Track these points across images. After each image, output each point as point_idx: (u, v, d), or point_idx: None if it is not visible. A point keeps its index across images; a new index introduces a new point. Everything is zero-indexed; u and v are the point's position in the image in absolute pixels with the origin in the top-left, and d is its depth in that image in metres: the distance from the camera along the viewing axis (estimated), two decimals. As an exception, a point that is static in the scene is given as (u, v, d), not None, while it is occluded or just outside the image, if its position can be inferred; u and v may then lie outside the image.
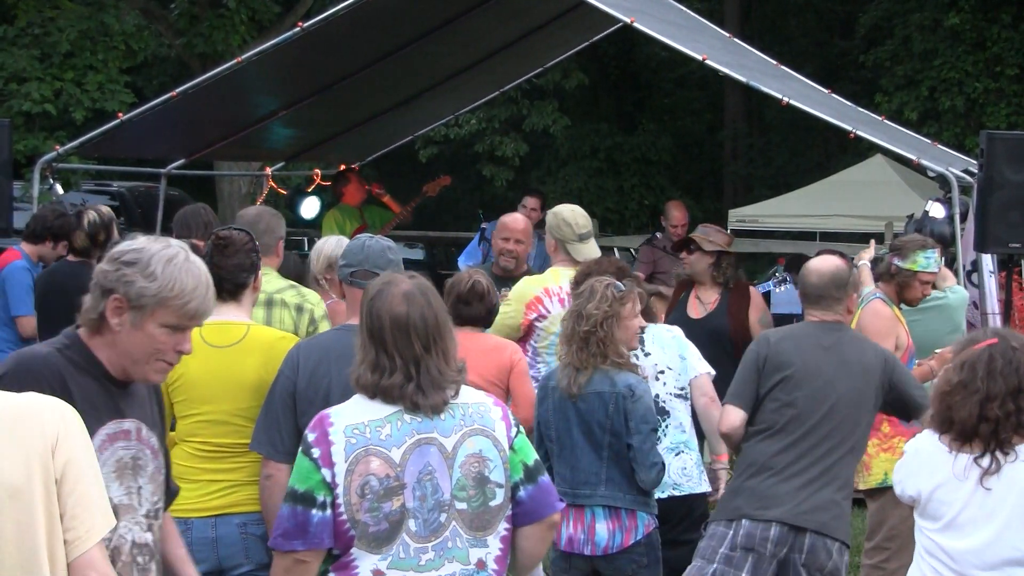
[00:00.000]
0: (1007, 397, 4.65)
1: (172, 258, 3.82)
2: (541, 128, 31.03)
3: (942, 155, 11.74)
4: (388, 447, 3.99)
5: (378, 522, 3.97)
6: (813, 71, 20.33)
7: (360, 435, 3.99)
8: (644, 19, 10.74)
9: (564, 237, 8.08)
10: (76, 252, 8.90)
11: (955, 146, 18.58)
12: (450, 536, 4.04)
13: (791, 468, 5.95)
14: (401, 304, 4.10)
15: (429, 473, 4.02)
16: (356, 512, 3.96)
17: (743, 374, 6.17)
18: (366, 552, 3.98)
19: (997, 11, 27.26)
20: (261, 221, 6.72)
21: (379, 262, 5.36)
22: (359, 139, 15.03)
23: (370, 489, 3.96)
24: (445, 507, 4.03)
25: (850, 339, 6.27)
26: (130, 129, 11.82)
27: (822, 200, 23.54)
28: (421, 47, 12.62)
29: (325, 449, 3.97)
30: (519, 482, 4.16)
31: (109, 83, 19.68)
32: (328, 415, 4.05)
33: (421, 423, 4.03)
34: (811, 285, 6.29)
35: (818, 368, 6.06)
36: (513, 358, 6.90)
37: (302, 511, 3.97)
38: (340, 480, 3.96)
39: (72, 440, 3.23)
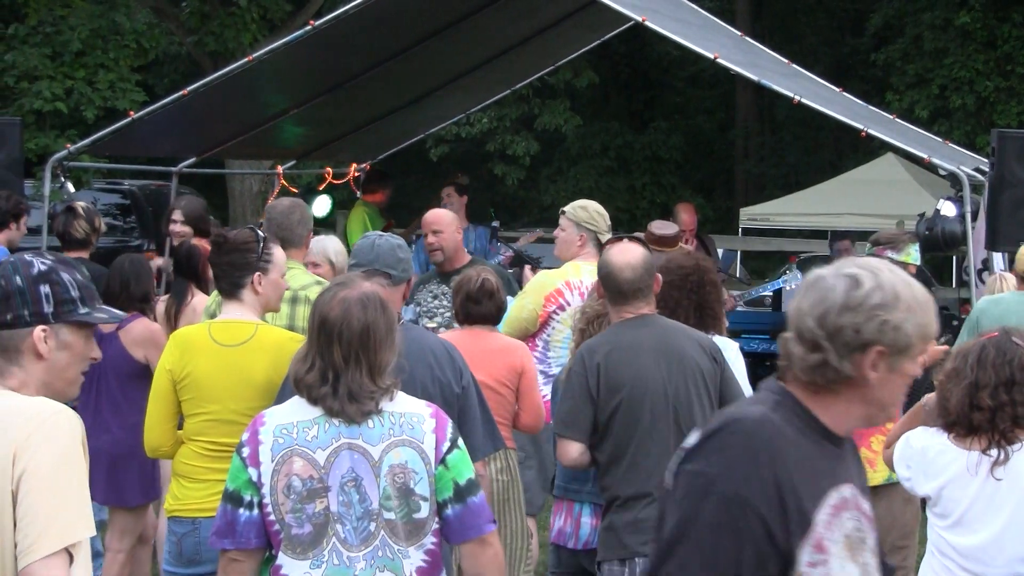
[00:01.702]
0: (999, 387, 4.67)
1: (907, 282, 3.10)
2: (552, 127, 31.03)
3: (953, 153, 11.73)
4: (313, 448, 3.99)
5: (301, 524, 3.97)
6: (824, 70, 20.33)
7: (287, 435, 4.00)
8: (655, 18, 10.74)
9: (599, 229, 8.03)
10: (73, 244, 8.84)
11: (966, 144, 18.58)
12: (380, 545, 4.01)
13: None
14: (336, 308, 4.08)
15: (354, 480, 4.00)
16: (283, 512, 3.98)
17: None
18: (293, 559, 3.97)
19: (1008, 10, 27.24)
20: (295, 212, 6.81)
21: (389, 260, 5.36)
22: (370, 137, 15.03)
23: (293, 490, 3.97)
24: (374, 516, 4.01)
25: (673, 329, 5.85)
26: (141, 127, 11.82)
27: (833, 198, 23.53)
28: (432, 45, 12.62)
29: (254, 448, 4.01)
30: (448, 500, 4.10)
31: (120, 81, 19.68)
32: (263, 414, 4.09)
33: (348, 428, 4.02)
34: (624, 281, 5.73)
35: (648, 372, 5.67)
36: (524, 361, 6.88)
37: (231, 510, 4.00)
38: (267, 480, 3.97)
39: (36, 449, 3.15)
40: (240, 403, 5.50)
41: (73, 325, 3.38)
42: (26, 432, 3.17)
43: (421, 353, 5.31)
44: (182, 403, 5.64)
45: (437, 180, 13.25)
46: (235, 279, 5.66)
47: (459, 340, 6.21)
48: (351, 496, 4.00)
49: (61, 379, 3.40)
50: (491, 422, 5.51)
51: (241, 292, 5.66)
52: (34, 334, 3.33)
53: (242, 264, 5.66)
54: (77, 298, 3.39)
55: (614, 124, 34.84)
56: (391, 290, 5.37)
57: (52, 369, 3.37)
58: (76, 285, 3.40)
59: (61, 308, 3.36)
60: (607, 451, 5.65)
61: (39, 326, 3.34)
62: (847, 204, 22.73)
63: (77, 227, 8.85)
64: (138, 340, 7.56)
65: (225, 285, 5.67)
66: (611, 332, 5.80)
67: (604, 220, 8.05)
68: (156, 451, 5.83)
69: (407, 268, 5.44)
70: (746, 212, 25.65)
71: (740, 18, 31.92)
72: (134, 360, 7.58)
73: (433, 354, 5.34)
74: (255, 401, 5.37)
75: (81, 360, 3.44)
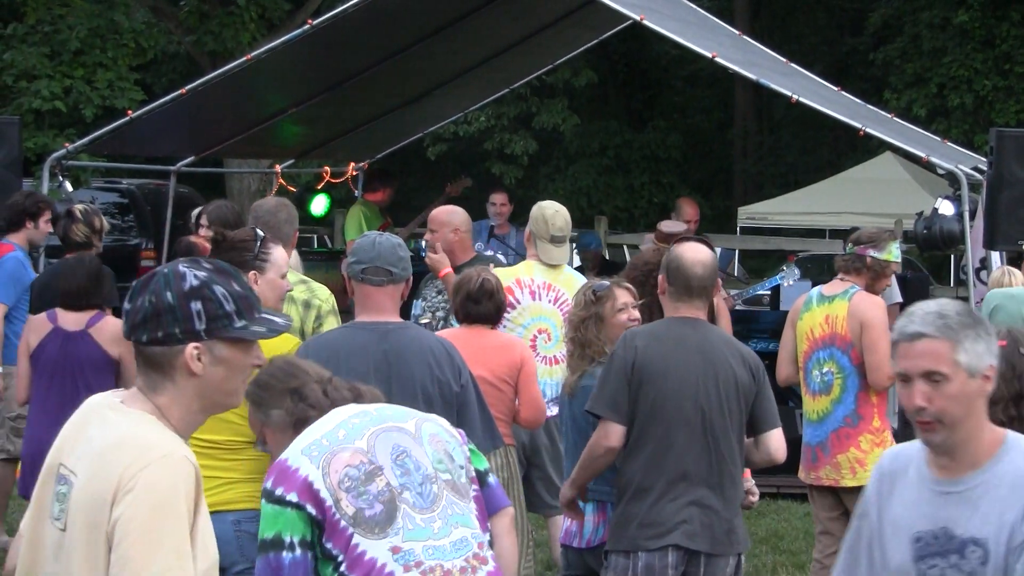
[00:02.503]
0: (1008, 403, 4.66)
1: None
2: (550, 126, 31.03)
3: (952, 152, 11.74)
4: (351, 441, 4.00)
5: (371, 504, 3.95)
6: (823, 69, 20.34)
7: (319, 446, 3.99)
8: (654, 16, 10.74)
9: (538, 232, 8.03)
10: (74, 247, 8.86)
11: (964, 143, 18.58)
12: (447, 504, 4.05)
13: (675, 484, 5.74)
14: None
15: (403, 452, 4.03)
16: (346, 506, 3.94)
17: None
18: (373, 540, 3.95)
19: (1006, 9, 27.26)
20: (281, 211, 6.76)
21: (390, 259, 5.35)
22: (368, 136, 15.03)
23: (350, 479, 3.95)
24: (432, 479, 4.04)
25: (717, 337, 5.93)
26: (140, 127, 11.83)
27: (831, 197, 23.55)
28: (430, 45, 12.62)
29: (293, 477, 3.94)
30: (485, 471, 4.27)
31: (119, 80, 19.69)
32: (280, 458, 4.03)
33: (372, 419, 4.06)
34: (693, 277, 5.78)
35: (685, 370, 5.72)
36: (523, 357, 6.89)
37: (274, 557, 3.92)
38: (321, 484, 3.92)
39: (137, 493, 3.03)
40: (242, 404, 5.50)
41: (228, 340, 3.24)
42: (131, 472, 3.06)
43: (420, 352, 5.31)
44: None
45: (435, 179, 13.27)
46: None
47: (457, 338, 6.21)
48: (407, 465, 4.02)
49: (218, 392, 3.27)
50: (490, 420, 5.52)
51: None
52: (186, 352, 3.19)
53: (238, 263, 5.63)
54: (232, 312, 3.23)
55: (612, 123, 34.84)
56: (392, 288, 5.37)
57: (207, 384, 3.24)
58: (232, 298, 3.24)
59: (214, 324, 3.21)
60: (630, 438, 5.70)
61: (191, 344, 3.20)
62: (845, 203, 22.74)
63: (76, 231, 8.88)
64: (114, 338, 7.59)
65: None
66: (658, 324, 5.88)
67: (547, 226, 7.98)
68: None
69: (407, 267, 5.44)
70: (744, 211, 25.66)
71: (739, 17, 31.90)
72: (109, 357, 7.61)
73: (432, 353, 5.34)
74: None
75: (241, 371, 3.30)
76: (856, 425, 7.57)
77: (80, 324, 7.64)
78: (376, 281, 5.34)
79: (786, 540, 10.03)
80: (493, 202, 12.34)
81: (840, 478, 7.60)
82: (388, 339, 5.29)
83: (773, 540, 10.01)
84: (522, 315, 7.85)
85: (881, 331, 7.47)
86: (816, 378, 7.70)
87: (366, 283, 5.35)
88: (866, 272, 7.71)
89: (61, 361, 7.65)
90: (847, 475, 7.57)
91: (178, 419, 3.23)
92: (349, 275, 5.42)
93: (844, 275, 7.77)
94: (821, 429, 7.67)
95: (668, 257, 5.86)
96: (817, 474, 7.69)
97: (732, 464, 5.76)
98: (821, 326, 7.67)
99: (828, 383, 7.64)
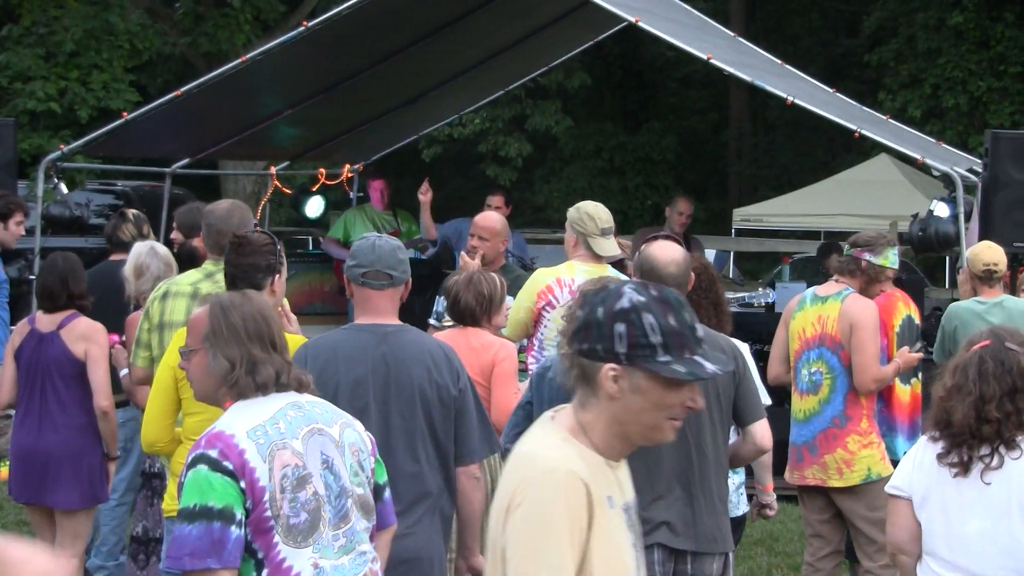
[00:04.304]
0: (1004, 398, 4.67)
1: None
2: (543, 128, 31.05)
3: (947, 154, 11.75)
4: (289, 439, 4.03)
5: (296, 513, 3.99)
6: (818, 70, 20.35)
7: (264, 434, 4.01)
8: (649, 18, 10.74)
9: (587, 231, 8.00)
10: (120, 247, 8.88)
11: (958, 144, 18.61)
12: (354, 520, 4.12)
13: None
14: (266, 304, 4.33)
15: (327, 461, 4.08)
16: (279, 507, 3.97)
17: None
18: (295, 548, 3.98)
19: (1001, 10, 27.28)
20: (233, 216, 6.64)
21: (390, 262, 5.35)
22: (363, 138, 15.04)
23: (288, 480, 3.98)
24: (347, 493, 4.11)
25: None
26: (135, 128, 11.82)
27: (826, 199, 23.57)
28: (425, 47, 12.62)
29: (238, 458, 3.94)
30: (384, 485, 4.35)
31: (114, 82, 19.71)
32: (220, 429, 4.02)
33: (305, 415, 4.11)
34: (668, 277, 5.69)
35: None
36: (497, 358, 6.82)
37: (220, 528, 3.89)
38: (266, 481, 3.94)
39: (525, 509, 3.04)
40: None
41: (648, 372, 3.14)
42: (521, 488, 3.08)
43: (419, 355, 5.31)
44: (183, 400, 5.64)
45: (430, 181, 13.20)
46: (256, 281, 5.67)
47: (447, 340, 6.22)
48: (328, 478, 4.07)
49: (636, 422, 3.18)
50: (488, 424, 5.52)
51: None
52: (602, 371, 3.15)
53: (264, 266, 5.68)
54: (658, 344, 3.12)
55: (607, 125, 34.86)
56: (391, 291, 5.38)
57: (624, 410, 3.16)
58: (661, 331, 3.12)
59: (635, 351, 3.12)
60: None
61: (609, 364, 3.14)
62: (840, 205, 22.76)
63: (124, 230, 8.92)
64: (80, 335, 7.63)
65: (243, 286, 5.65)
66: None
67: (595, 222, 7.97)
68: (152, 446, 5.83)
69: (406, 269, 5.44)
70: (739, 213, 25.67)
71: (734, 19, 31.93)
72: (76, 359, 7.62)
73: (431, 356, 5.34)
74: (253, 402, 5.36)
75: (662, 408, 3.17)
76: (844, 426, 7.57)
77: (53, 325, 7.68)
78: (376, 285, 5.34)
79: (781, 542, 10.04)
80: (489, 204, 12.35)
81: (827, 478, 7.61)
82: (387, 342, 5.29)
83: (768, 542, 10.02)
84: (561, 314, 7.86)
85: (870, 333, 7.51)
86: (805, 377, 7.72)
87: (366, 286, 5.34)
88: (860, 275, 7.73)
89: (35, 362, 7.69)
90: (834, 476, 7.58)
91: (599, 438, 3.20)
92: (349, 278, 5.41)
93: (839, 277, 7.79)
94: (807, 429, 7.68)
95: (640, 259, 5.81)
96: (802, 473, 7.70)
97: (716, 462, 5.74)
98: (813, 326, 7.69)
99: (816, 383, 7.66)
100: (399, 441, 5.23)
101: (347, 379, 5.21)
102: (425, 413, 5.27)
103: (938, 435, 4.77)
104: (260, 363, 4.13)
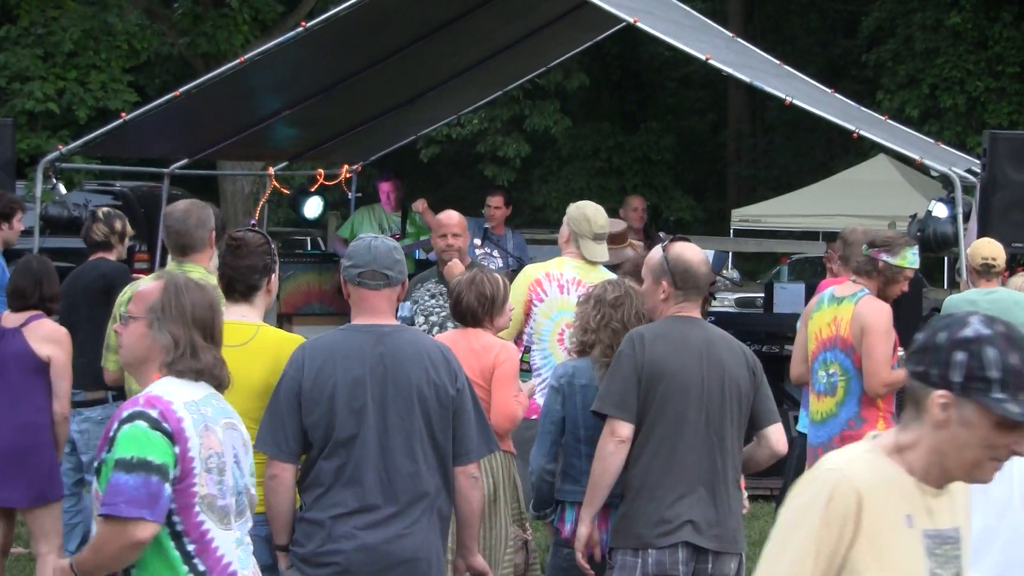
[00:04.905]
0: None
1: None
2: (542, 128, 31.06)
3: (945, 155, 11.74)
4: (214, 424, 4.17)
5: (224, 495, 4.13)
6: (816, 71, 20.36)
7: (198, 411, 4.13)
8: (647, 19, 10.74)
9: (580, 231, 8.04)
10: (95, 247, 8.93)
11: (956, 144, 18.60)
12: (247, 517, 4.28)
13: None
14: (216, 299, 4.39)
15: (236, 456, 4.22)
16: (203, 485, 4.07)
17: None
18: (222, 530, 4.12)
19: (998, 10, 27.29)
20: (191, 216, 6.59)
21: (386, 263, 5.35)
22: (362, 139, 15.03)
23: (213, 462, 4.11)
24: (246, 490, 4.28)
25: (717, 336, 5.91)
26: (133, 129, 11.81)
27: (825, 200, 23.58)
28: (424, 47, 12.62)
29: (176, 423, 4.05)
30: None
31: (112, 82, 19.68)
32: (158, 394, 4.11)
33: (224, 409, 4.25)
34: (702, 276, 5.85)
35: (690, 370, 5.74)
36: (497, 360, 6.81)
37: (157, 483, 3.99)
38: (196, 453, 4.05)
39: (786, 505, 3.19)
40: (239, 404, 5.47)
41: (980, 406, 3.07)
42: (804, 480, 3.17)
43: (417, 355, 5.31)
44: None
45: (428, 181, 13.23)
46: (253, 282, 5.67)
47: (449, 341, 6.21)
48: (236, 471, 4.22)
49: (957, 457, 3.13)
50: (485, 424, 5.52)
51: (256, 294, 5.68)
52: (932, 396, 3.11)
53: (261, 267, 5.68)
54: (995, 380, 3.06)
55: (605, 125, 34.86)
56: (388, 292, 5.38)
57: (946, 441, 3.12)
58: (1002, 367, 3.05)
59: (971, 383, 3.06)
60: (637, 437, 5.74)
61: (940, 391, 3.10)
62: (839, 205, 22.76)
63: (96, 230, 8.94)
64: (44, 337, 7.70)
65: (241, 288, 5.65)
66: (664, 324, 5.86)
67: (590, 224, 8.00)
68: None
69: (403, 269, 5.45)
70: (738, 213, 25.69)
71: (732, 19, 31.94)
72: (36, 356, 7.69)
73: (429, 356, 5.34)
74: (252, 402, 5.36)
75: (986, 447, 3.11)
76: (859, 428, 7.43)
77: (17, 322, 7.74)
78: (373, 285, 5.34)
79: (780, 542, 10.02)
80: (489, 204, 12.36)
81: None
82: (384, 342, 5.29)
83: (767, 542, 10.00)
84: (550, 308, 7.87)
85: (880, 337, 7.42)
86: (822, 379, 7.65)
87: (363, 287, 5.34)
88: (878, 276, 7.59)
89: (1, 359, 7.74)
90: None
91: (916, 460, 3.18)
92: (345, 278, 5.41)
93: (857, 277, 7.72)
94: (824, 431, 7.62)
95: (670, 260, 5.84)
96: None
97: (734, 464, 5.81)
98: (828, 327, 7.61)
99: (833, 384, 7.58)
100: (397, 441, 5.23)
101: (345, 379, 5.21)
102: (423, 413, 5.27)
103: None
104: (200, 350, 4.23)
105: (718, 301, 17.43)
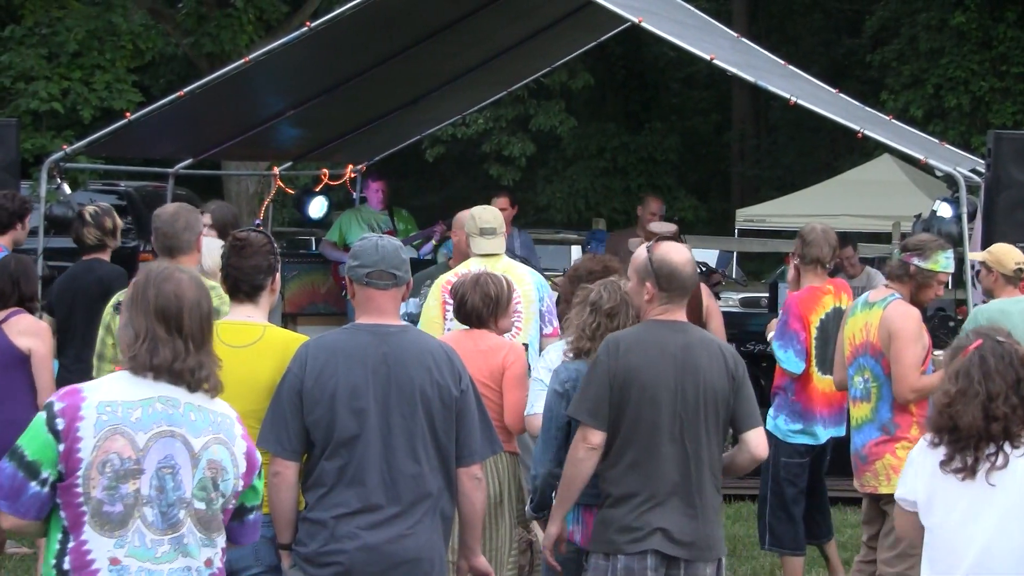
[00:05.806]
0: (1009, 392, 4.67)
1: None
2: (548, 128, 31.05)
3: (950, 154, 11.74)
4: (135, 430, 4.09)
5: (113, 502, 4.06)
6: (820, 71, 20.34)
7: (111, 413, 4.08)
8: (652, 19, 10.74)
9: (469, 230, 8.42)
10: (88, 249, 8.98)
11: (960, 144, 18.59)
12: (186, 532, 4.16)
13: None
14: (192, 290, 4.24)
15: (171, 467, 4.13)
16: (92, 488, 4.04)
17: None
18: (99, 535, 4.06)
19: (1003, 10, 27.25)
20: (179, 219, 6.68)
21: (394, 261, 5.36)
22: (366, 139, 15.04)
23: (111, 467, 4.05)
24: (185, 504, 4.15)
25: (698, 341, 5.83)
26: (138, 129, 11.82)
27: (829, 200, 23.52)
28: (428, 47, 12.62)
29: (71, 423, 4.04)
30: (254, 507, 4.39)
31: (117, 82, 19.68)
32: (80, 389, 4.12)
33: (172, 415, 4.14)
34: (687, 278, 5.77)
35: (664, 377, 5.68)
36: (507, 361, 6.85)
37: (22, 478, 4.03)
38: (85, 455, 4.03)
39: None
40: (245, 404, 5.46)
41: None
42: None
43: (420, 356, 5.31)
44: None
45: (433, 181, 13.24)
46: (258, 282, 5.66)
47: (454, 341, 6.21)
48: (165, 482, 4.12)
49: None
50: (489, 426, 5.51)
51: (260, 294, 5.67)
52: None
53: (265, 267, 5.68)
54: None
55: (610, 125, 34.85)
56: (395, 291, 5.38)
57: None
58: None
59: None
60: (612, 444, 5.71)
61: None
62: (843, 205, 22.71)
63: (88, 234, 8.97)
64: (23, 331, 7.81)
65: (246, 288, 5.65)
66: (643, 329, 5.83)
67: (475, 222, 8.38)
68: None
69: (408, 269, 5.46)
70: (742, 213, 25.65)
71: (736, 19, 31.91)
72: (17, 349, 7.78)
73: (432, 357, 5.33)
74: (259, 403, 5.36)
75: None
76: (893, 433, 7.40)
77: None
78: (381, 285, 5.34)
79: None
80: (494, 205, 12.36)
81: (878, 485, 7.46)
82: (388, 342, 5.29)
83: (771, 542, 10.00)
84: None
85: (908, 343, 7.31)
86: (858, 384, 7.56)
87: (371, 286, 5.34)
88: (909, 281, 7.48)
89: None
90: (883, 482, 7.39)
91: None
92: (352, 278, 5.41)
93: (889, 282, 7.63)
94: (859, 436, 7.55)
95: (655, 261, 5.79)
96: (860, 481, 7.59)
97: (711, 471, 5.76)
98: (861, 332, 7.52)
99: (867, 390, 7.50)
100: (399, 441, 5.23)
101: (347, 379, 5.21)
102: (426, 413, 5.26)
103: (939, 441, 4.76)
104: (161, 344, 4.16)
105: (722, 301, 17.40)
